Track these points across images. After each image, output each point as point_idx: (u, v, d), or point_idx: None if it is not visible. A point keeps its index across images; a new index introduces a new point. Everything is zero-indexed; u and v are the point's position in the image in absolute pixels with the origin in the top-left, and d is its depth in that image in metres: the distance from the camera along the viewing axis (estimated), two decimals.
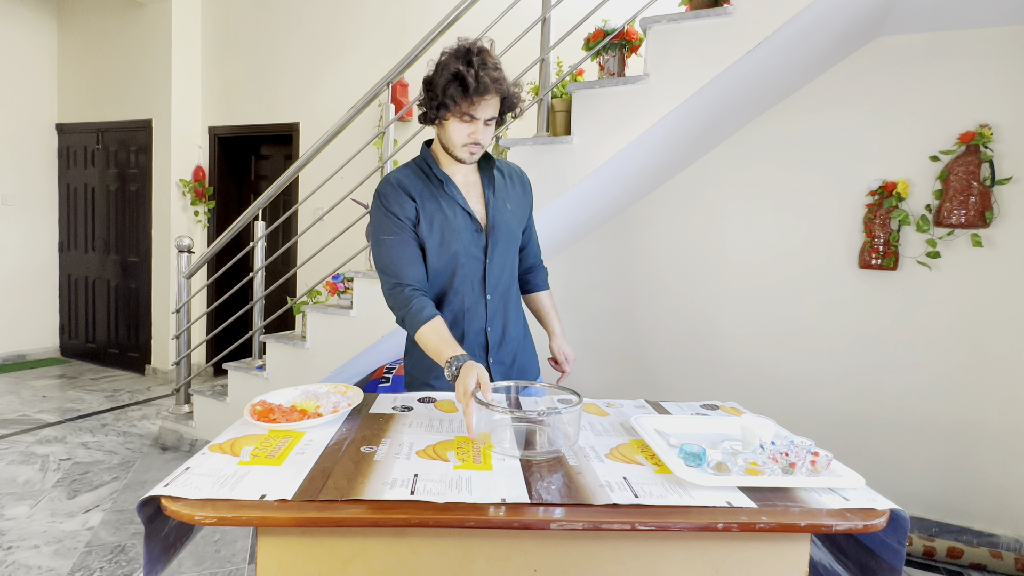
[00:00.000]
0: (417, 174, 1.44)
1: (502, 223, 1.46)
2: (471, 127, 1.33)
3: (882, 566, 0.90)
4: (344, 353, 2.80)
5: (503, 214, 1.47)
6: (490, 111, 1.33)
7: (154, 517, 0.89)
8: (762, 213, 2.87)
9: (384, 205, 1.40)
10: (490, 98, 1.31)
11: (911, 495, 2.64)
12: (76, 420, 3.70)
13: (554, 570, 0.87)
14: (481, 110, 1.31)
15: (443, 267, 1.43)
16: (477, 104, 1.29)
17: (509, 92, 1.35)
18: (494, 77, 1.29)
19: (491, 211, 1.45)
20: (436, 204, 1.41)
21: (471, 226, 1.43)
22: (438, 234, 1.40)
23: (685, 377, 3.06)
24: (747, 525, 0.82)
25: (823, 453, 0.97)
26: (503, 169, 1.54)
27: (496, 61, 1.32)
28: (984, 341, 2.52)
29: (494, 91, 1.30)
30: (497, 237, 1.46)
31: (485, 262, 1.45)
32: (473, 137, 1.34)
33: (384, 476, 0.93)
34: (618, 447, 1.11)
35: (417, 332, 1.33)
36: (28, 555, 2.22)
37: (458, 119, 1.32)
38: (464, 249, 1.42)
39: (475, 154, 1.38)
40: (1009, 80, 2.45)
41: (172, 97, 4.53)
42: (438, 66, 1.32)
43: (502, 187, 1.50)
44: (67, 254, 5.26)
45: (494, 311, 1.49)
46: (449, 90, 1.28)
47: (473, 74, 1.26)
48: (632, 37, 2.52)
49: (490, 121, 1.35)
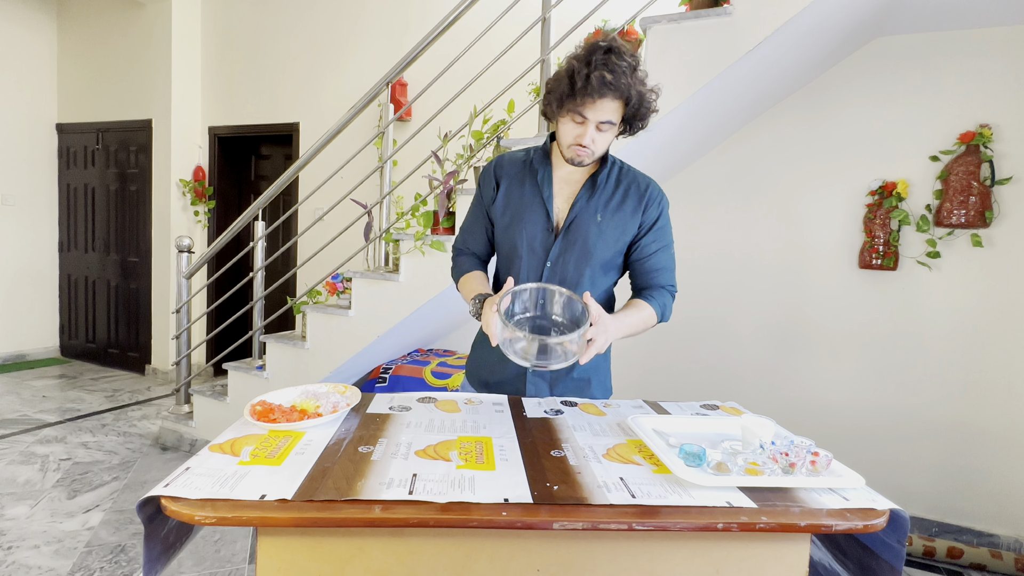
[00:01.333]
0: (524, 158, 1.44)
1: (579, 231, 1.36)
2: (579, 129, 1.26)
3: (882, 566, 0.90)
4: (344, 353, 2.80)
5: (585, 223, 1.36)
6: (605, 114, 1.23)
7: (154, 517, 0.89)
8: (762, 213, 2.87)
9: (479, 178, 1.49)
10: (604, 100, 1.22)
11: (911, 495, 2.64)
12: (76, 420, 3.70)
13: (558, 570, 0.87)
14: (593, 111, 1.23)
15: (506, 252, 1.44)
16: (587, 105, 1.22)
17: (633, 96, 1.24)
18: (608, 80, 1.18)
19: (572, 214, 1.36)
20: (521, 190, 1.40)
21: (543, 221, 1.38)
22: (508, 218, 1.41)
23: (685, 377, 3.06)
24: (747, 525, 0.82)
25: (823, 453, 0.97)
26: (624, 178, 1.40)
27: (625, 64, 1.21)
28: (984, 341, 2.52)
29: (609, 93, 1.20)
30: (568, 242, 1.37)
31: (546, 262, 1.39)
32: (579, 139, 1.26)
33: (381, 476, 0.93)
34: (615, 447, 1.10)
35: (458, 282, 1.46)
36: (28, 555, 2.22)
37: (569, 118, 1.26)
38: (527, 242, 1.39)
39: (582, 157, 1.29)
40: (1009, 80, 2.45)
41: (172, 97, 4.53)
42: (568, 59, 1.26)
43: (604, 195, 1.37)
44: (67, 254, 5.26)
45: None
46: (560, 87, 1.24)
47: (584, 74, 1.19)
48: (632, 37, 2.52)
49: (605, 125, 1.25)
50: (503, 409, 1.31)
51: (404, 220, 2.90)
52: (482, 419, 1.23)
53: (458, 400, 1.37)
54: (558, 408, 1.34)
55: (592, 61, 1.20)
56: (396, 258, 2.85)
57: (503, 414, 1.27)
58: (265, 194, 3.09)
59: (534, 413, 1.29)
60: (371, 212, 2.92)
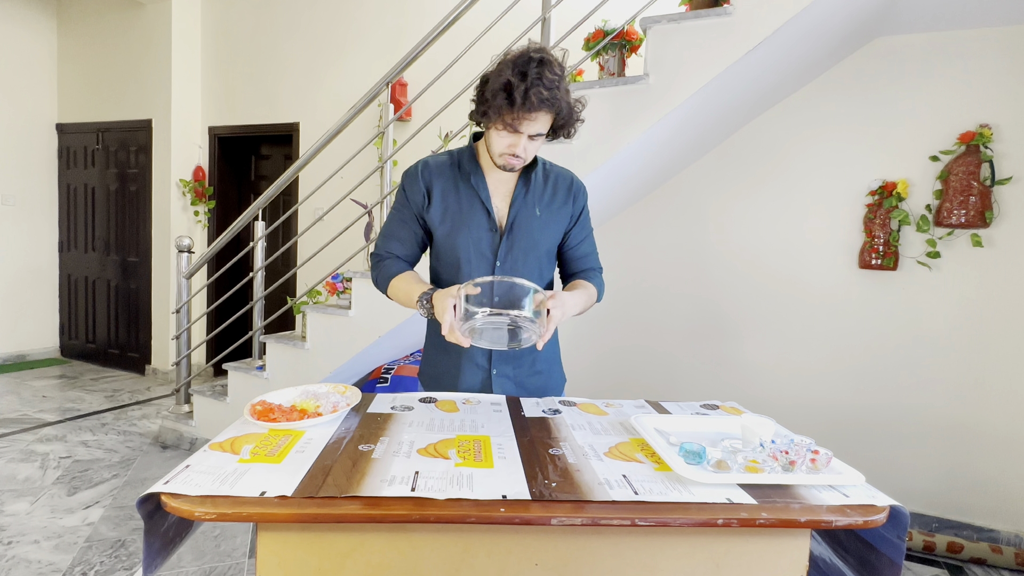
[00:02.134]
0: (451, 162, 1.43)
1: (522, 227, 1.40)
2: (513, 139, 1.27)
3: (882, 561, 0.91)
4: (344, 353, 2.80)
5: (527, 219, 1.40)
6: (537, 127, 1.26)
7: (154, 513, 0.89)
8: (762, 213, 2.88)
9: (402, 182, 1.45)
10: (539, 115, 1.24)
11: (911, 492, 2.64)
12: (76, 419, 3.70)
13: (555, 564, 0.88)
14: (527, 126, 1.25)
15: (450, 259, 1.42)
16: (522, 120, 1.23)
17: (564, 108, 1.27)
18: (545, 97, 1.20)
19: (513, 212, 1.39)
20: (456, 195, 1.40)
21: (486, 223, 1.39)
22: (448, 224, 1.40)
23: (685, 377, 3.06)
24: (747, 521, 0.82)
25: (823, 451, 0.97)
26: (550, 173, 1.46)
27: (556, 77, 1.22)
28: (984, 341, 2.53)
29: (545, 108, 1.23)
30: (513, 240, 1.40)
31: (495, 263, 1.40)
32: (512, 149, 1.28)
33: (383, 473, 0.93)
34: (617, 445, 1.11)
35: (388, 288, 1.41)
36: (28, 550, 2.23)
37: (501, 128, 1.26)
38: (473, 245, 1.39)
39: (513, 164, 1.32)
40: (1009, 80, 2.45)
41: (172, 97, 4.53)
42: (495, 68, 1.25)
43: (538, 191, 1.42)
44: (67, 254, 5.26)
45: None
46: (496, 100, 1.22)
47: (523, 89, 1.19)
48: (632, 37, 2.53)
49: (536, 136, 1.28)
50: (501, 409, 1.31)
51: None
52: (480, 419, 1.23)
53: (456, 400, 1.37)
54: (556, 408, 1.34)
55: (527, 75, 1.19)
56: None
57: (501, 413, 1.28)
58: (265, 194, 3.09)
59: (532, 413, 1.29)
60: (371, 212, 2.92)
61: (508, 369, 1.46)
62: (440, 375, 1.49)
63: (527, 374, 1.48)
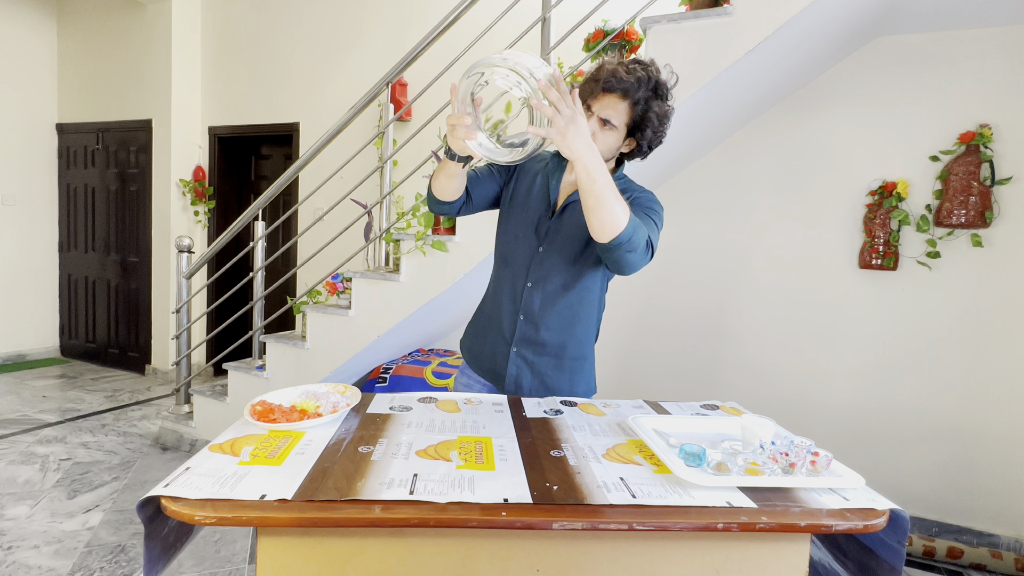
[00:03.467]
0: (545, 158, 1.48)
1: (571, 217, 1.38)
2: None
3: (882, 566, 0.90)
4: (344, 353, 2.80)
5: (575, 212, 1.37)
6: (607, 111, 1.26)
7: (154, 517, 0.89)
8: (761, 213, 2.87)
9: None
10: (610, 97, 1.25)
11: (911, 495, 2.64)
12: (76, 420, 3.69)
13: (557, 570, 0.87)
14: (599, 106, 1.26)
15: (504, 235, 1.47)
16: (596, 98, 1.27)
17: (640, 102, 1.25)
18: (621, 76, 1.22)
19: (568, 201, 1.39)
20: (532, 182, 1.45)
21: (543, 207, 1.42)
22: (514, 201, 1.46)
23: (685, 377, 3.06)
24: (747, 525, 0.82)
25: (823, 453, 0.97)
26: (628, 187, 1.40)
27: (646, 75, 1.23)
28: (984, 341, 2.52)
29: (616, 90, 1.23)
30: (560, 225, 1.39)
31: (538, 247, 1.41)
32: None
33: (382, 476, 0.93)
34: (615, 447, 1.10)
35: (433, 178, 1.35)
36: (28, 555, 2.22)
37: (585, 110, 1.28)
38: (524, 224, 1.43)
39: None
40: (1009, 80, 2.45)
41: (172, 97, 4.53)
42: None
43: None
44: (67, 254, 5.25)
45: (529, 303, 1.43)
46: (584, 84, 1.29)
47: (605, 69, 1.25)
48: (632, 37, 2.52)
49: (609, 125, 1.27)
50: (503, 409, 1.31)
51: (404, 220, 2.90)
52: (482, 419, 1.23)
53: (458, 400, 1.37)
54: (557, 408, 1.34)
55: (614, 63, 1.25)
56: (396, 258, 2.85)
57: (503, 414, 1.27)
58: (265, 194, 3.09)
59: (533, 413, 1.29)
60: (371, 212, 2.92)
61: (528, 352, 1.46)
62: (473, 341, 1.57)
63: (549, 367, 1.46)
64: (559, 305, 1.43)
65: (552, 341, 1.45)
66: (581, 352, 1.49)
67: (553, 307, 1.43)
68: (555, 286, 1.42)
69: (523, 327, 1.45)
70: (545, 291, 1.42)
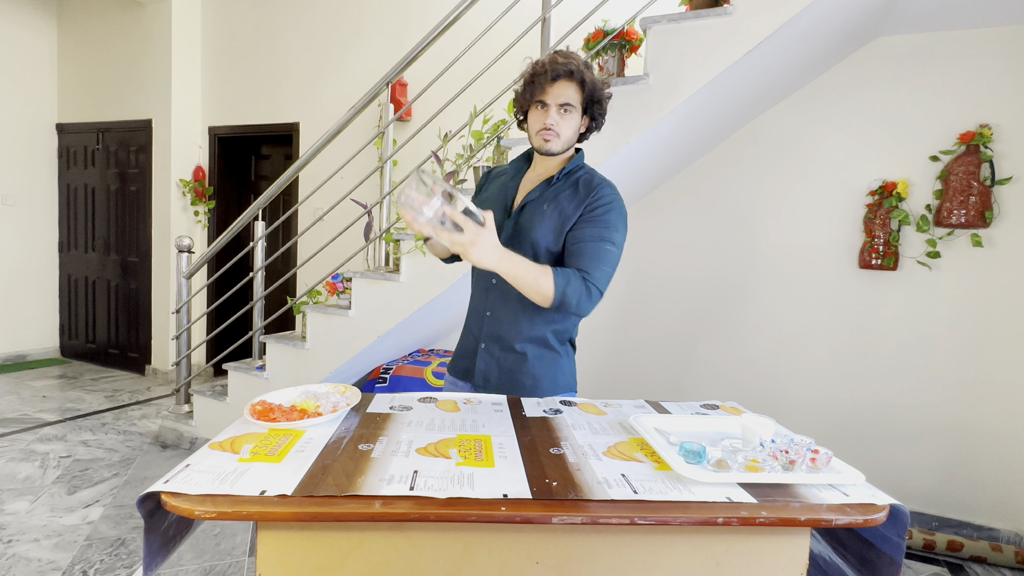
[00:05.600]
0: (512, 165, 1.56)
1: (527, 217, 1.42)
2: (543, 114, 1.37)
3: (882, 559, 0.91)
4: (344, 353, 2.80)
5: (534, 210, 1.42)
6: (563, 96, 1.35)
7: (154, 512, 0.89)
8: (762, 213, 2.88)
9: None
10: (560, 83, 1.34)
11: (912, 492, 2.64)
12: (76, 419, 3.70)
13: (556, 562, 0.88)
14: (552, 95, 1.34)
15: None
16: (546, 91, 1.34)
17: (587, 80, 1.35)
18: (562, 62, 1.33)
19: (524, 201, 1.44)
20: (500, 183, 1.53)
21: (502, 210, 1.47)
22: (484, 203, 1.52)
23: (685, 377, 3.06)
24: (747, 519, 0.82)
25: (823, 451, 0.97)
26: (581, 178, 1.44)
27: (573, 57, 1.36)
28: (984, 341, 2.53)
29: (563, 75, 1.33)
30: (518, 226, 1.43)
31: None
32: (543, 122, 1.36)
33: (382, 473, 0.93)
34: (616, 445, 1.11)
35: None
36: (28, 548, 2.23)
37: (534, 110, 1.39)
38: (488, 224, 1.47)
39: (550, 141, 1.38)
40: (1009, 80, 2.45)
41: (172, 97, 4.53)
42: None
43: (557, 188, 1.43)
44: (67, 254, 5.26)
45: (494, 303, 1.49)
46: (525, 86, 1.38)
47: (542, 64, 1.34)
48: (632, 37, 2.53)
49: (566, 107, 1.36)
50: (502, 409, 1.31)
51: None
52: (481, 418, 1.23)
53: (457, 400, 1.37)
54: (557, 408, 1.34)
55: (546, 58, 1.36)
56: (396, 258, 2.85)
57: (502, 413, 1.28)
58: (265, 194, 3.09)
59: (533, 412, 1.29)
60: (371, 212, 2.92)
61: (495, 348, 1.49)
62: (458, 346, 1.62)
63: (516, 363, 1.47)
64: (523, 302, 1.43)
65: (516, 337, 1.47)
66: (549, 348, 1.49)
67: (516, 303, 1.45)
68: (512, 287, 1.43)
69: (489, 323, 1.50)
70: (507, 288, 1.43)
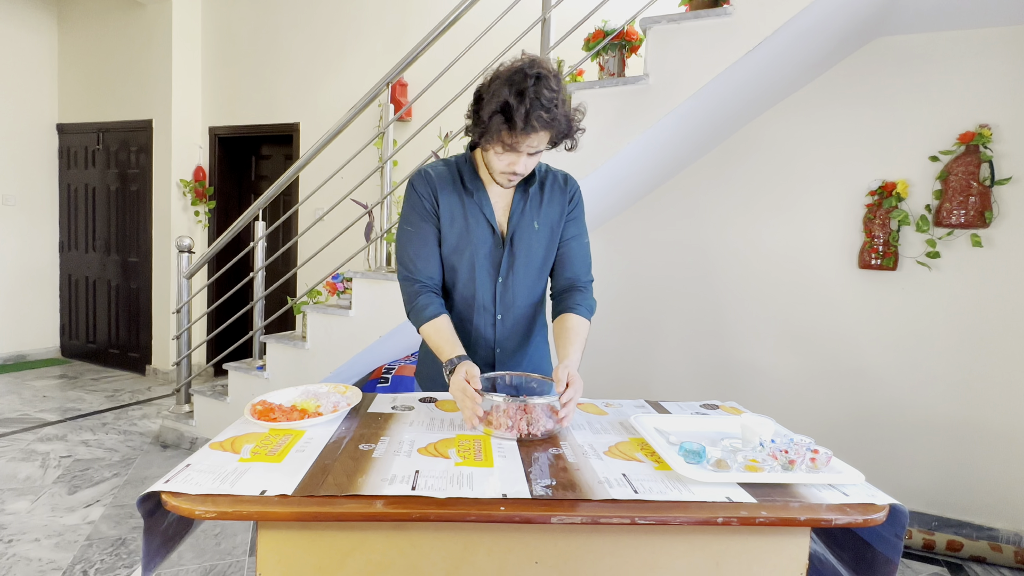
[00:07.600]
0: (451, 173, 1.38)
1: (522, 242, 1.38)
2: (512, 157, 1.23)
3: (879, 558, 0.91)
4: (344, 353, 2.80)
5: (526, 234, 1.38)
6: (536, 144, 1.22)
7: (154, 511, 0.90)
8: (762, 213, 2.88)
9: (412, 195, 1.38)
10: (539, 135, 1.20)
11: (911, 492, 2.64)
12: (77, 419, 3.70)
13: (555, 562, 0.88)
14: (526, 145, 1.21)
15: (455, 273, 1.40)
16: (522, 141, 1.19)
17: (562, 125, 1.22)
18: (545, 118, 1.16)
19: (512, 228, 1.38)
20: (461, 208, 1.36)
21: (491, 239, 1.38)
22: (455, 237, 1.37)
23: (685, 377, 3.06)
24: (747, 519, 0.83)
25: (823, 450, 0.97)
26: (546, 180, 1.42)
27: (555, 93, 1.17)
28: (984, 341, 2.53)
29: (544, 129, 1.19)
30: (514, 255, 1.39)
31: (497, 279, 1.39)
32: (512, 167, 1.25)
33: (383, 472, 0.93)
34: (617, 444, 1.11)
35: (421, 328, 1.36)
36: (28, 548, 2.23)
37: (501, 150, 1.22)
38: (479, 260, 1.38)
39: (513, 181, 1.30)
40: (1009, 80, 2.45)
41: (172, 97, 4.53)
42: (490, 85, 1.19)
43: (535, 203, 1.39)
44: (67, 254, 5.26)
45: (504, 335, 1.44)
46: (494, 122, 1.16)
47: (523, 112, 1.14)
48: (632, 37, 2.53)
49: (536, 152, 1.24)
50: None
51: None
52: None
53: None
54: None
55: (525, 94, 1.14)
56: None
57: None
58: (265, 194, 3.09)
59: None
60: (372, 212, 2.92)
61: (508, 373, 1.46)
62: (436, 375, 1.49)
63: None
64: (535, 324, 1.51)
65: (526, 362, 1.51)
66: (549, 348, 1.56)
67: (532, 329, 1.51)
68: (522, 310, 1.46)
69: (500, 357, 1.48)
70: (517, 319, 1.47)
